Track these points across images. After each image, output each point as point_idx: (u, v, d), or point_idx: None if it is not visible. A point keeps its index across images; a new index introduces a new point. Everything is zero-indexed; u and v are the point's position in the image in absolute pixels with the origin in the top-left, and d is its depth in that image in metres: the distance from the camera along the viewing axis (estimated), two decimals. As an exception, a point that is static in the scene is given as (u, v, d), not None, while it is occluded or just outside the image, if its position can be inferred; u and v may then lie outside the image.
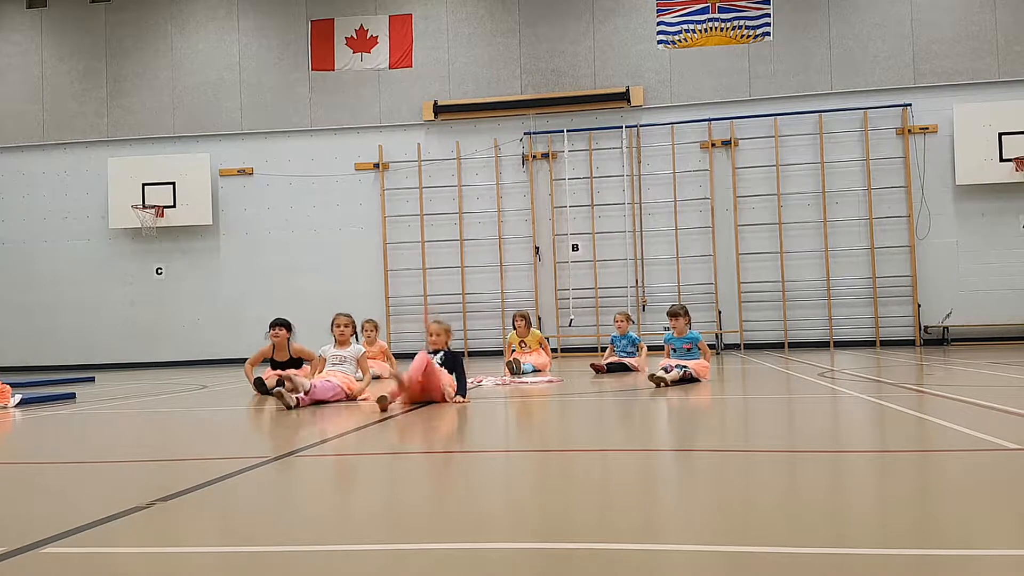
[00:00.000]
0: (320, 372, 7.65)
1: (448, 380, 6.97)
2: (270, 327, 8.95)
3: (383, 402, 6.37)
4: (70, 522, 2.82)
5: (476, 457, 4.52)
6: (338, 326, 7.85)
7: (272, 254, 17.77)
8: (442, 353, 7.15)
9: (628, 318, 10.87)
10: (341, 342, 7.83)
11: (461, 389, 7.01)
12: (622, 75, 17.05)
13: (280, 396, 6.77)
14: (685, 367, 8.10)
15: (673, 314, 8.66)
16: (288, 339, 8.92)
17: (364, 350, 7.96)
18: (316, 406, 6.99)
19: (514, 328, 11.45)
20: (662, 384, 7.73)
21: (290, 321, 9.08)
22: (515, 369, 10.24)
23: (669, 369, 8.01)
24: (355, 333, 8.01)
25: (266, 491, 3.57)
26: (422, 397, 6.79)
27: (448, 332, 7.31)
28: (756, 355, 14.26)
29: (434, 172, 17.46)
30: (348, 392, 7.39)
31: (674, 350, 8.53)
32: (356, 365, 7.72)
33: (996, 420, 5.02)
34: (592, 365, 10.24)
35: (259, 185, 17.98)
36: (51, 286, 18.29)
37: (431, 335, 7.26)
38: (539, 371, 10.77)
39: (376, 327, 11.02)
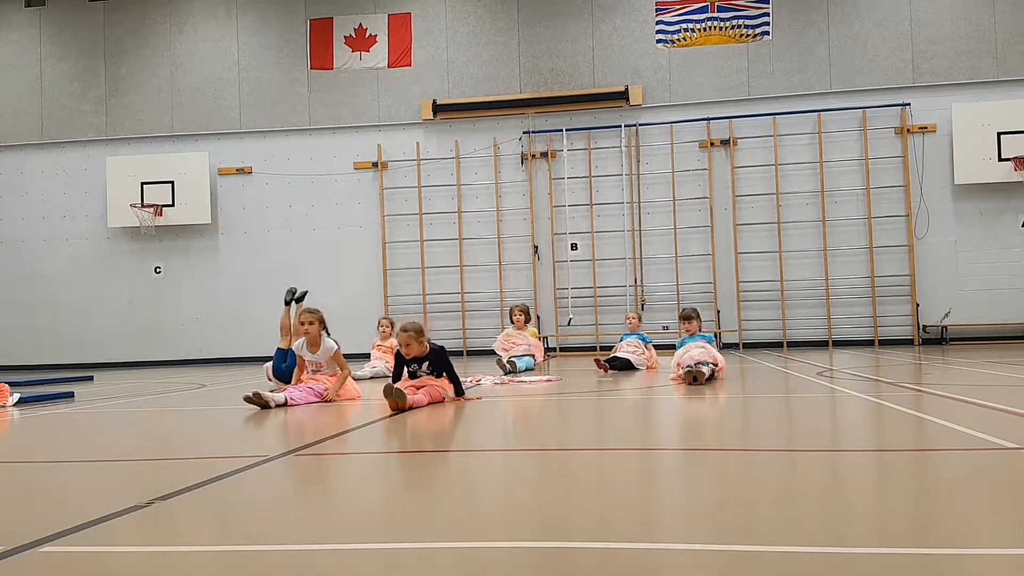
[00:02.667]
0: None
1: (442, 384, 6.71)
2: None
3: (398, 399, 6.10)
4: (68, 521, 2.82)
5: (474, 456, 4.51)
6: (302, 324, 7.16)
7: (271, 253, 17.76)
8: (427, 363, 6.69)
9: (639, 316, 11.01)
10: (310, 344, 7.21)
11: (457, 389, 6.80)
12: (621, 74, 17.05)
13: (257, 398, 6.52)
14: (713, 367, 7.94)
15: (686, 317, 8.58)
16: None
17: (336, 347, 7.30)
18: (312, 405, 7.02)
19: (512, 322, 11.41)
20: (698, 381, 7.58)
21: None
22: (509, 369, 10.08)
23: (705, 364, 7.84)
24: (324, 329, 7.32)
25: (264, 490, 3.56)
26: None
27: (418, 335, 6.60)
28: (755, 354, 14.27)
29: (433, 171, 17.45)
30: (324, 397, 7.03)
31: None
32: (334, 364, 7.30)
33: (995, 419, 5.03)
34: (596, 361, 10.17)
35: (258, 184, 17.97)
36: (50, 285, 18.27)
37: (403, 347, 6.63)
38: (531, 357, 10.81)
39: (392, 324, 11.04)
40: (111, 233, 18.18)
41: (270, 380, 9.06)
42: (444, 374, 6.78)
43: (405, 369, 6.77)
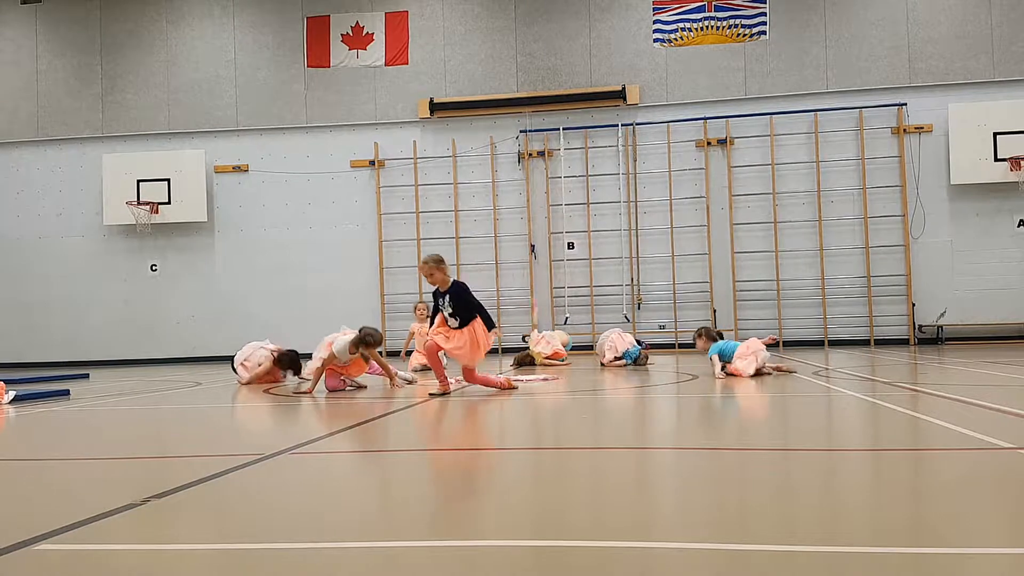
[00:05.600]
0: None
1: (473, 327, 7.19)
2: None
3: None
4: (64, 519, 2.82)
5: (470, 455, 4.52)
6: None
7: (267, 251, 17.74)
8: (448, 297, 7.30)
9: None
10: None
11: (487, 322, 7.27)
12: (618, 73, 17.05)
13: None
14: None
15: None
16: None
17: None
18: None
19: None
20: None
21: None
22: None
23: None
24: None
25: (260, 488, 3.56)
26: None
27: (438, 264, 7.29)
28: (751, 354, 14.25)
29: (430, 170, 17.44)
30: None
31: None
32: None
33: (990, 419, 5.04)
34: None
35: (254, 182, 17.95)
36: (45, 283, 18.24)
37: (426, 277, 7.40)
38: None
39: (428, 307, 11.47)
40: (107, 231, 18.15)
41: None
42: (468, 313, 7.26)
43: (440, 310, 7.45)
